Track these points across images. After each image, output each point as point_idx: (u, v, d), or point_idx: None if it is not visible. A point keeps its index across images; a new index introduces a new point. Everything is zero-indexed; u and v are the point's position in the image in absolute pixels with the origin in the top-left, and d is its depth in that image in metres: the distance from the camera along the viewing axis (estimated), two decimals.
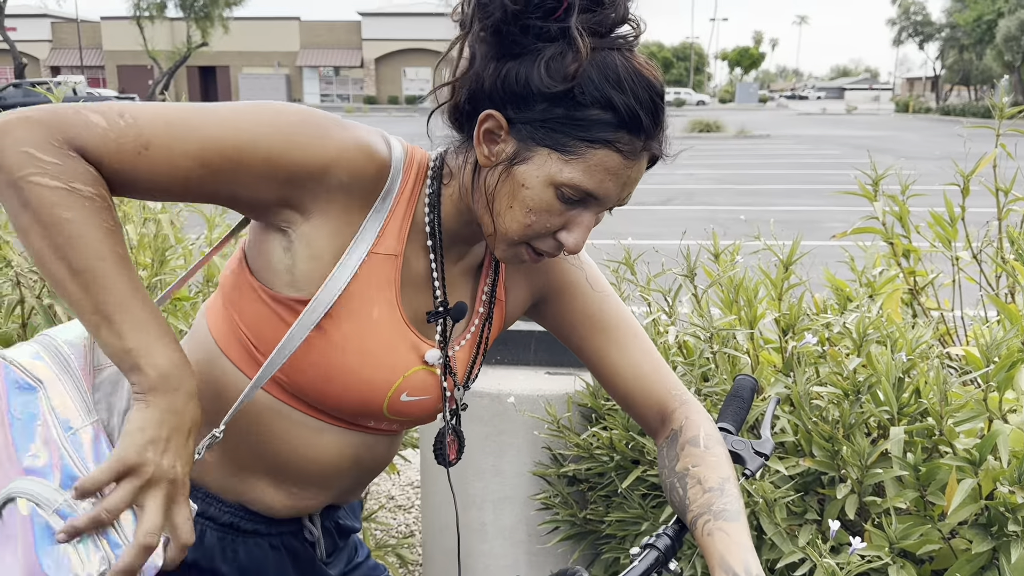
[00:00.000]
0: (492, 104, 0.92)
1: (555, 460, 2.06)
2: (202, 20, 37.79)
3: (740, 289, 1.94)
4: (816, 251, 2.15)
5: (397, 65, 54.68)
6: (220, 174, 0.89)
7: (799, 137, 26.40)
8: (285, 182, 0.91)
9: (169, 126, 0.86)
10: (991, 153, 2.18)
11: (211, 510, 1.05)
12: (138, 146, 0.85)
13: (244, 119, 0.89)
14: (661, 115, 0.93)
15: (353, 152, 0.93)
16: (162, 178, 0.87)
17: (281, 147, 0.90)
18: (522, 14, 0.88)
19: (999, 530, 1.40)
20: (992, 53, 42.52)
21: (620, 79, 0.89)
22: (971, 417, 1.50)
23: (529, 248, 0.98)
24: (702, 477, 1.03)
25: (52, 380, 0.91)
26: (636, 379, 1.14)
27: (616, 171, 0.91)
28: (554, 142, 0.90)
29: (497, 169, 0.94)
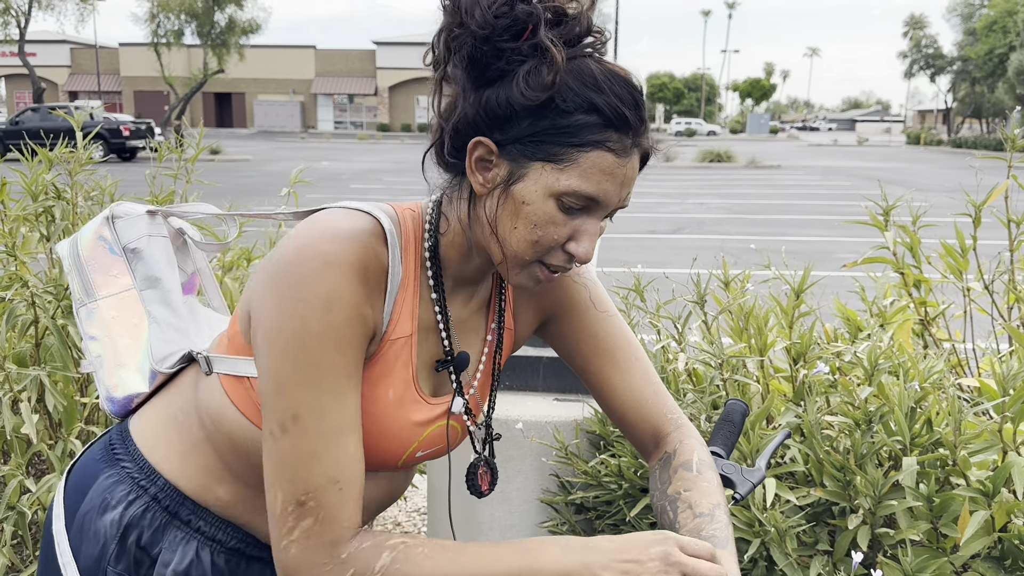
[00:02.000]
0: (478, 132, 0.93)
1: (563, 487, 2.05)
2: (218, 47, 38.31)
3: (750, 317, 1.93)
4: (827, 281, 2.15)
5: (411, 93, 55.24)
6: (348, 398, 0.92)
7: (810, 168, 26.44)
8: (361, 355, 0.95)
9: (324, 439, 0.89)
10: (1003, 184, 2.18)
11: (219, 535, 1.06)
12: (331, 481, 0.89)
13: (308, 376, 0.90)
14: (643, 111, 0.94)
15: (352, 284, 0.92)
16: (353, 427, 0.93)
17: (341, 360, 0.91)
18: (491, 38, 0.90)
19: (1013, 563, 1.38)
20: (1004, 86, 42.61)
21: (598, 81, 0.91)
22: (985, 448, 1.48)
23: (542, 266, 0.98)
24: (693, 502, 1.03)
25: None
26: (634, 401, 1.15)
27: (611, 170, 0.92)
28: (545, 154, 0.91)
29: (495, 194, 0.95)
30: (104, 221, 1.20)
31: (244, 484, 1.05)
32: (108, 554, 1.03)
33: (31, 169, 2.35)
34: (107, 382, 1.16)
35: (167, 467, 1.06)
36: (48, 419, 2.11)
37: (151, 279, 1.18)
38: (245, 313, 0.99)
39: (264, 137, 43.52)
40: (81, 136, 2.41)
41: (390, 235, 0.96)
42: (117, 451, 1.09)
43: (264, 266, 0.95)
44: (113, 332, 1.16)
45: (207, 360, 1.05)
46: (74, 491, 1.09)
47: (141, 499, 1.05)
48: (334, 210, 0.97)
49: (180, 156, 2.66)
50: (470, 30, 0.90)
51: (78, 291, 1.19)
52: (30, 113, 24.12)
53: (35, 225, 2.38)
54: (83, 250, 1.19)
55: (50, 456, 1.92)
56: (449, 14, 0.92)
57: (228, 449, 1.03)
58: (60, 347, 2.01)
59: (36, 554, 2.01)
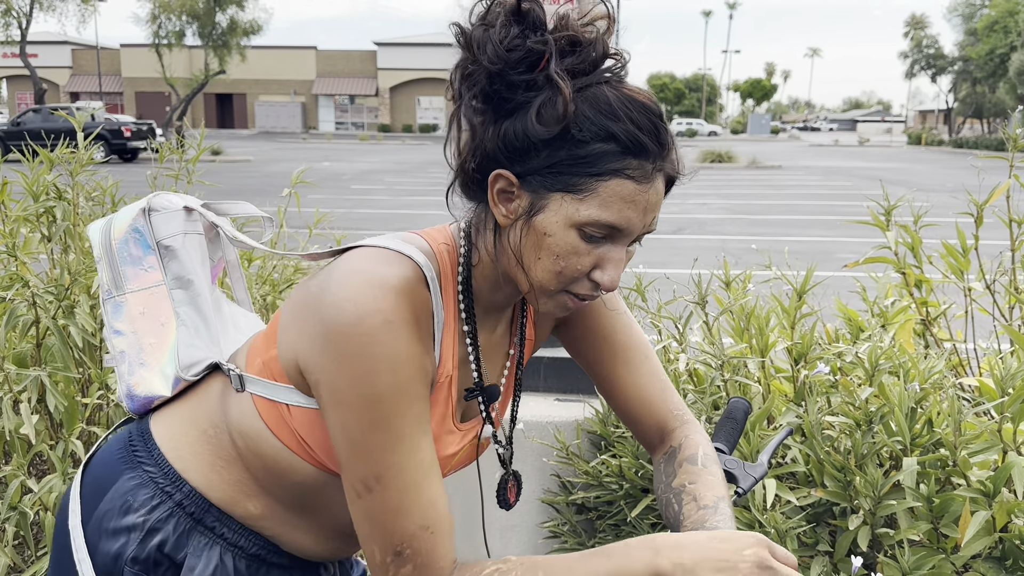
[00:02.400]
0: (498, 165, 0.93)
1: (564, 488, 2.05)
2: (220, 48, 38.31)
3: (752, 317, 1.93)
4: (828, 281, 2.14)
5: (411, 94, 55.24)
6: (421, 440, 0.93)
7: (811, 168, 26.42)
8: (428, 401, 0.96)
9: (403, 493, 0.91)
10: (1004, 184, 2.18)
11: (242, 541, 1.08)
12: (422, 528, 0.91)
13: (378, 428, 0.91)
14: (664, 134, 0.93)
15: (411, 339, 0.92)
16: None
17: (413, 414, 0.92)
18: (505, 72, 0.90)
19: (1014, 563, 1.38)
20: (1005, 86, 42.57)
21: (613, 109, 0.90)
22: (985, 448, 1.48)
23: (569, 295, 0.98)
24: (698, 494, 1.05)
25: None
26: (641, 398, 1.17)
27: (632, 198, 0.92)
28: (564, 184, 0.91)
29: (517, 225, 0.95)
30: (141, 213, 1.18)
31: (276, 500, 1.07)
32: (127, 553, 1.04)
33: (32, 170, 2.35)
34: (128, 379, 1.15)
35: (196, 477, 1.06)
36: (49, 419, 2.11)
37: (183, 280, 1.17)
38: (289, 352, 0.98)
39: (265, 138, 43.54)
40: (82, 137, 2.42)
41: (431, 280, 0.96)
42: (139, 453, 1.09)
43: (311, 316, 0.93)
44: (139, 329, 1.16)
45: (240, 379, 1.04)
46: (92, 488, 1.09)
47: (165, 504, 1.05)
48: (372, 255, 0.95)
49: (181, 157, 2.66)
50: (483, 65, 0.90)
51: (107, 282, 1.17)
52: (32, 114, 24.14)
53: (36, 226, 2.38)
54: (115, 239, 1.17)
55: (51, 456, 1.92)
56: (463, 50, 0.93)
57: (262, 471, 1.04)
58: (61, 347, 2.01)
59: (38, 554, 2.01)
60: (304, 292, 0.98)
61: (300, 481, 1.04)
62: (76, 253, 2.38)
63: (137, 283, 1.16)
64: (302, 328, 0.95)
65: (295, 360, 0.97)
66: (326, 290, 0.92)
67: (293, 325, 0.97)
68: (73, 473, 1.91)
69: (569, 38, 0.92)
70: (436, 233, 1.04)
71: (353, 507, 0.93)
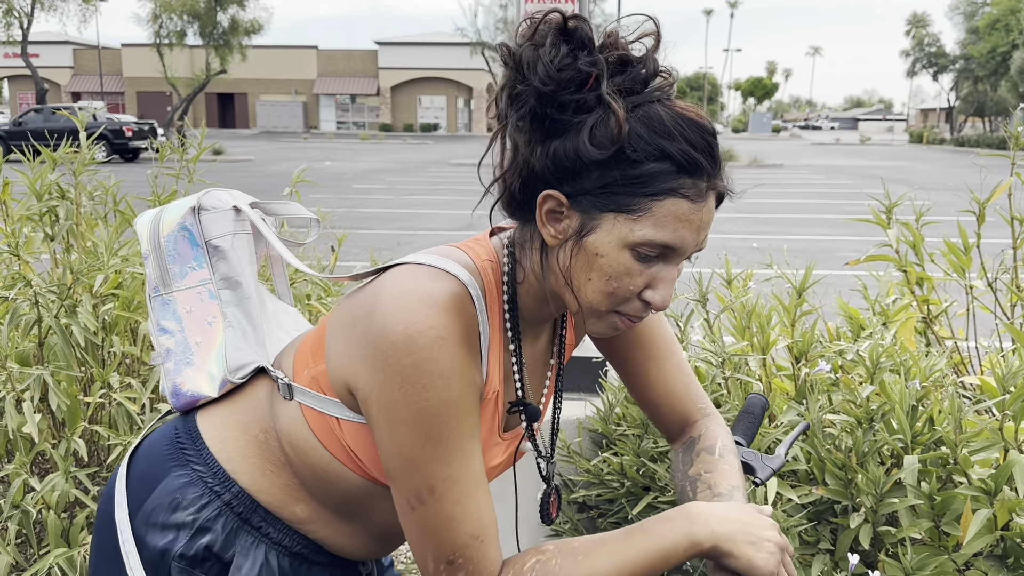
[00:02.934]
0: (547, 185, 0.93)
1: (565, 486, 2.05)
2: (221, 48, 38.31)
3: (753, 315, 1.93)
4: (829, 280, 2.15)
5: (413, 93, 55.22)
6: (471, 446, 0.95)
7: (812, 167, 26.40)
8: (478, 414, 0.97)
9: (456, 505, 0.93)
10: (1006, 182, 2.18)
11: (286, 540, 1.09)
12: (473, 538, 0.93)
13: (436, 442, 0.92)
14: (717, 152, 0.92)
15: (463, 354, 0.93)
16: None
17: (465, 427, 0.93)
18: (556, 93, 0.89)
19: (1015, 562, 1.38)
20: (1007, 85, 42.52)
21: (667, 128, 0.89)
22: (986, 446, 1.48)
23: (620, 316, 0.97)
24: (713, 482, 1.08)
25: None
26: (667, 393, 1.20)
27: (686, 217, 0.91)
28: (617, 205, 0.90)
29: (567, 245, 0.94)
30: (190, 211, 1.17)
31: (322, 505, 1.08)
32: (175, 549, 1.05)
33: (34, 169, 2.35)
34: (175, 377, 1.16)
35: (246, 479, 1.07)
36: (52, 418, 2.12)
37: (231, 281, 1.17)
38: (339, 370, 0.98)
39: (267, 137, 43.55)
40: (84, 136, 2.42)
41: (476, 299, 0.97)
42: (187, 451, 1.09)
43: (361, 336, 0.93)
44: (187, 327, 1.16)
45: (289, 388, 1.05)
46: (139, 483, 1.10)
47: (214, 504, 1.06)
48: (417, 272, 0.95)
49: (182, 156, 2.66)
50: (533, 86, 0.89)
51: (155, 279, 1.17)
52: (33, 114, 24.15)
53: (38, 225, 2.38)
54: (163, 236, 1.17)
55: (54, 455, 1.93)
56: (511, 70, 0.92)
57: (311, 477, 1.06)
58: (63, 346, 2.01)
59: (40, 553, 2.02)
60: (351, 310, 0.97)
61: (346, 490, 1.05)
62: (78, 252, 2.39)
63: (184, 281, 1.17)
64: (350, 346, 0.95)
65: (344, 378, 0.97)
66: (375, 309, 0.92)
67: (341, 344, 0.97)
68: (75, 472, 1.92)
69: (619, 57, 0.91)
70: (479, 248, 1.03)
71: (405, 518, 0.95)
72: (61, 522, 1.93)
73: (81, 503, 2.07)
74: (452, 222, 12.27)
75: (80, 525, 1.92)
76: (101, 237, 2.29)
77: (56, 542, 1.89)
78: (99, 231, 2.45)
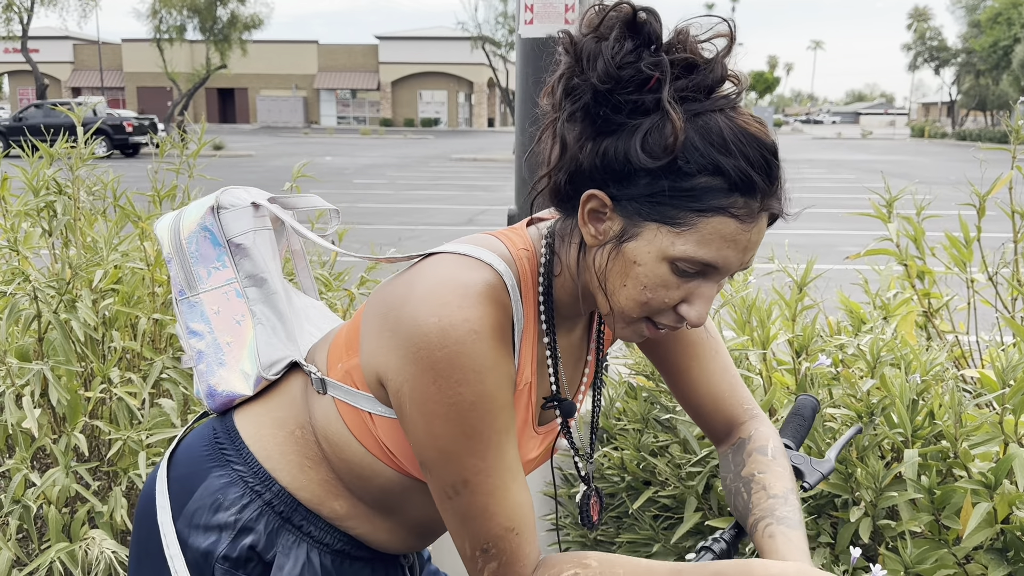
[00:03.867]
0: (593, 183, 0.89)
1: (566, 480, 2.05)
2: (221, 43, 38.27)
3: (753, 310, 1.93)
4: (830, 274, 2.14)
5: (413, 88, 55.17)
6: (508, 446, 0.94)
7: (814, 161, 26.36)
8: (512, 407, 0.95)
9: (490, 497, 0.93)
10: (1007, 175, 2.17)
11: (327, 538, 1.09)
12: (507, 531, 0.93)
13: (471, 437, 0.91)
14: (775, 171, 0.88)
15: (497, 347, 0.91)
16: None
17: (499, 422, 0.92)
18: (613, 92, 0.85)
19: (1015, 555, 1.38)
20: (1008, 78, 42.44)
21: (726, 141, 0.85)
22: (986, 440, 1.48)
23: (649, 323, 0.95)
24: (767, 483, 1.06)
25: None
26: (711, 393, 1.16)
27: (733, 237, 0.87)
28: (662, 215, 0.86)
29: (606, 248, 0.91)
30: (209, 211, 1.16)
31: (360, 500, 1.08)
32: (218, 551, 1.05)
33: (31, 164, 2.35)
34: (208, 379, 1.15)
35: (285, 477, 1.07)
36: (52, 413, 2.12)
37: (256, 278, 1.16)
38: (371, 362, 0.96)
39: (267, 133, 43.52)
40: (82, 131, 2.41)
41: (511, 289, 0.94)
42: (227, 452, 1.09)
43: (394, 327, 0.91)
44: (216, 328, 1.15)
45: (322, 382, 1.04)
46: (180, 484, 1.10)
47: (255, 503, 1.06)
48: (453, 262, 0.94)
49: (182, 151, 2.65)
50: (591, 82, 0.86)
51: (180, 282, 1.17)
52: (33, 109, 24.15)
53: (37, 220, 2.38)
54: (185, 238, 1.16)
55: (54, 450, 1.93)
56: (571, 60, 0.88)
57: (347, 473, 1.05)
58: (63, 342, 2.01)
59: (41, 548, 2.02)
60: (384, 301, 0.96)
61: (382, 484, 1.04)
62: (77, 248, 2.38)
63: (209, 282, 1.16)
64: (381, 337, 0.94)
65: (375, 369, 0.96)
66: (408, 300, 0.91)
67: (374, 336, 0.96)
68: (75, 467, 1.92)
69: (685, 60, 0.86)
70: (515, 237, 1.01)
71: (442, 506, 0.95)
72: (62, 517, 1.93)
73: (82, 498, 2.07)
74: (453, 217, 12.26)
75: (81, 520, 1.92)
76: (100, 232, 2.29)
77: (57, 537, 1.89)
78: (99, 226, 2.44)
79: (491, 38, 37.05)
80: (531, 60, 2.31)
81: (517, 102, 2.36)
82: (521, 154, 2.35)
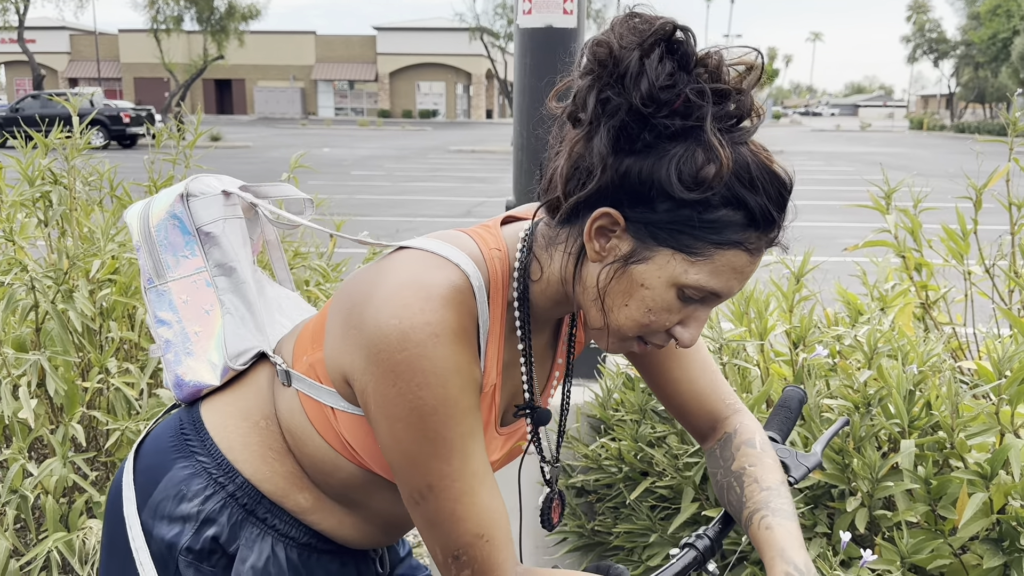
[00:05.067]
0: (606, 201, 0.87)
1: (563, 471, 2.06)
2: (218, 33, 38.14)
3: (751, 301, 1.93)
4: (829, 265, 2.14)
5: (411, 79, 55.03)
6: (473, 450, 0.93)
7: (812, 153, 26.34)
8: (479, 410, 0.94)
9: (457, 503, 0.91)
10: (1004, 167, 2.17)
11: (292, 532, 1.08)
12: (476, 537, 0.92)
13: (432, 441, 0.90)
14: (789, 207, 0.89)
15: (459, 350, 0.90)
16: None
17: (463, 425, 0.91)
18: (654, 115, 0.83)
19: (1011, 545, 1.39)
20: (1007, 71, 42.40)
21: (753, 178, 0.84)
22: (983, 431, 1.48)
23: (640, 341, 0.95)
24: (759, 476, 1.06)
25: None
26: (692, 393, 1.16)
27: (742, 269, 0.88)
28: (679, 243, 0.85)
29: (611, 266, 0.89)
30: (178, 199, 1.15)
31: (324, 494, 1.07)
32: (181, 543, 1.04)
33: (26, 155, 2.34)
34: (176, 368, 1.14)
35: (248, 468, 1.06)
36: (49, 404, 2.12)
37: (225, 267, 1.15)
38: (335, 359, 0.96)
39: (265, 124, 43.41)
40: (78, 121, 2.40)
41: (479, 291, 0.93)
42: (191, 442, 1.08)
43: (357, 327, 0.90)
44: (184, 317, 1.14)
45: (287, 374, 1.04)
46: (146, 476, 1.09)
47: (218, 495, 1.05)
48: (419, 260, 0.92)
49: (179, 142, 2.65)
50: (630, 101, 0.82)
51: (148, 270, 1.16)
52: (30, 100, 24.07)
53: (32, 211, 2.38)
54: (153, 226, 1.15)
55: (51, 441, 1.93)
56: (608, 74, 0.84)
57: (310, 467, 1.05)
58: (60, 332, 2.01)
59: (39, 537, 2.02)
60: (349, 297, 0.94)
61: (344, 479, 1.04)
62: (74, 238, 2.38)
63: (178, 270, 1.15)
64: (346, 335, 0.92)
65: (340, 368, 0.95)
66: (372, 299, 0.89)
67: (339, 332, 0.95)
68: (73, 457, 1.92)
69: (716, 88, 0.84)
70: (488, 236, 0.99)
71: (412, 512, 0.94)
72: (60, 507, 1.94)
73: (80, 488, 2.07)
74: (451, 209, 12.24)
75: (79, 510, 1.93)
76: (97, 223, 2.29)
77: (55, 527, 1.90)
78: (95, 217, 2.44)
79: (489, 29, 36.95)
80: (530, 50, 2.30)
81: (515, 93, 2.36)
82: (520, 146, 2.34)
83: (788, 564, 0.95)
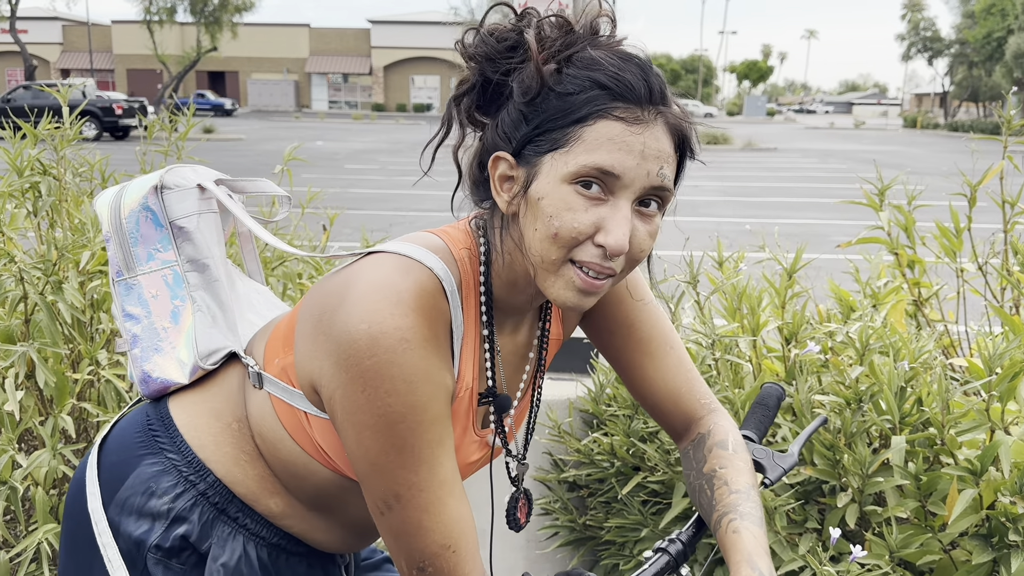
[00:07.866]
0: (496, 150, 0.93)
1: (555, 465, 2.06)
2: (212, 25, 37.94)
3: (743, 297, 1.93)
4: (822, 262, 2.14)
5: (405, 73, 54.91)
6: (442, 457, 0.91)
7: (806, 151, 26.39)
8: (448, 419, 0.93)
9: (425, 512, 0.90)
10: (997, 165, 2.18)
11: (263, 532, 1.07)
12: (443, 548, 0.91)
13: (402, 449, 0.89)
14: (652, 78, 0.88)
15: (429, 356, 0.88)
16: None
17: (431, 434, 0.90)
18: (494, 61, 0.93)
19: (1000, 541, 1.39)
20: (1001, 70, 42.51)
21: (596, 60, 0.89)
22: (973, 427, 1.49)
23: (575, 268, 0.89)
24: (729, 479, 1.05)
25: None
26: (667, 391, 1.14)
27: (621, 139, 0.86)
28: (552, 142, 0.88)
29: (518, 203, 0.91)
30: (152, 190, 1.11)
31: (296, 499, 1.06)
32: (151, 540, 1.02)
33: (14, 145, 2.32)
34: (143, 364, 1.12)
35: (220, 469, 1.04)
36: (39, 395, 2.11)
37: (198, 264, 1.12)
38: (304, 364, 0.94)
39: (258, 116, 43.26)
40: (68, 111, 2.39)
41: (451, 293, 0.92)
42: (160, 439, 1.06)
43: (325, 332, 0.88)
44: (153, 312, 1.12)
45: (259, 376, 1.02)
46: (111, 472, 1.07)
47: (189, 493, 1.03)
48: (390, 264, 0.90)
49: (171, 133, 2.63)
50: (477, 60, 0.93)
51: (118, 262, 1.12)
52: (22, 91, 23.92)
53: (22, 202, 2.36)
54: (125, 217, 1.11)
55: (40, 432, 1.92)
56: (464, 60, 0.95)
57: (282, 472, 1.03)
58: (49, 323, 1.99)
59: (29, 529, 2.01)
60: (319, 301, 0.92)
61: (317, 484, 1.02)
62: (63, 229, 2.36)
63: (149, 264, 1.12)
64: (315, 340, 0.91)
65: (309, 374, 0.94)
66: (342, 304, 0.87)
67: (308, 337, 0.93)
68: (62, 449, 1.91)
69: (559, 22, 0.92)
70: (459, 235, 0.99)
71: (378, 523, 0.93)
72: (50, 499, 1.93)
73: (69, 479, 2.06)
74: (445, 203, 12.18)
75: None
76: (88, 214, 2.27)
77: (44, 518, 1.89)
78: (85, 208, 2.42)
79: None
80: None
81: None
82: None
83: (754, 570, 0.93)
